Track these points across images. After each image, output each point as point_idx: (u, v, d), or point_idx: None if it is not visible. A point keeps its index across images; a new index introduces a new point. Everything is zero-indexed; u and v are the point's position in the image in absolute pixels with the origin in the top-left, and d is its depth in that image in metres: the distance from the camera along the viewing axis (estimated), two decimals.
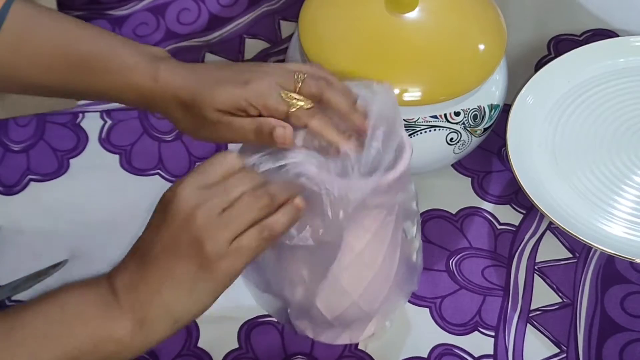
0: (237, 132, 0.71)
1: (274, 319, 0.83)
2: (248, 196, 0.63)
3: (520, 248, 0.88)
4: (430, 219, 0.90)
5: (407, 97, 0.81)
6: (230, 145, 0.83)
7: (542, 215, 0.87)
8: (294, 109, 0.70)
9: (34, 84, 0.74)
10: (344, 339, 0.81)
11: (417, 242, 0.76)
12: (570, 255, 0.87)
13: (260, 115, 0.71)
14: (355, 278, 0.73)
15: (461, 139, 0.85)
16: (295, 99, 0.71)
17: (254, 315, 0.83)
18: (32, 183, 0.93)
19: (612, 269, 0.86)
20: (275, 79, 0.72)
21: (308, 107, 0.71)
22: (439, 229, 0.89)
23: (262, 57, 1.03)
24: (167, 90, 0.73)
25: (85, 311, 0.62)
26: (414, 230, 0.75)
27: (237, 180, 0.63)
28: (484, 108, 0.86)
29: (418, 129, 0.83)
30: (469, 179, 0.93)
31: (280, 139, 0.68)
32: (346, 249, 0.71)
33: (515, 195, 0.91)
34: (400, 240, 0.74)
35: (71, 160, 0.95)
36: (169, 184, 0.92)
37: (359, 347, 0.81)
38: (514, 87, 0.92)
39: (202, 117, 0.72)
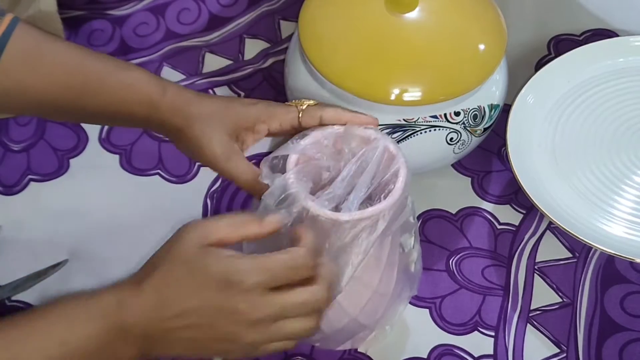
0: (232, 168, 0.74)
1: None
2: (300, 322, 0.64)
3: (520, 248, 0.88)
4: (430, 219, 0.90)
5: (407, 97, 0.81)
6: None
7: (542, 215, 0.87)
8: (303, 107, 0.75)
9: (50, 102, 0.75)
10: (345, 346, 0.81)
11: (416, 253, 0.75)
12: (570, 255, 0.87)
13: (269, 135, 0.76)
14: (354, 298, 0.73)
15: (461, 139, 0.85)
16: (300, 102, 0.75)
17: None
18: (32, 183, 0.93)
19: (612, 269, 0.86)
20: (278, 103, 0.77)
21: (315, 103, 0.76)
22: (439, 229, 0.89)
23: (262, 57, 1.03)
24: (175, 103, 0.75)
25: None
26: (411, 241, 0.74)
27: (297, 306, 0.64)
28: (484, 108, 0.86)
29: (418, 129, 0.83)
30: (469, 179, 0.93)
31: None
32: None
33: (515, 195, 0.91)
34: (398, 256, 0.74)
35: (71, 160, 0.95)
36: (169, 184, 0.93)
37: (360, 350, 0.81)
38: (514, 87, 0.92)
39: (209, 135, 0.74)
